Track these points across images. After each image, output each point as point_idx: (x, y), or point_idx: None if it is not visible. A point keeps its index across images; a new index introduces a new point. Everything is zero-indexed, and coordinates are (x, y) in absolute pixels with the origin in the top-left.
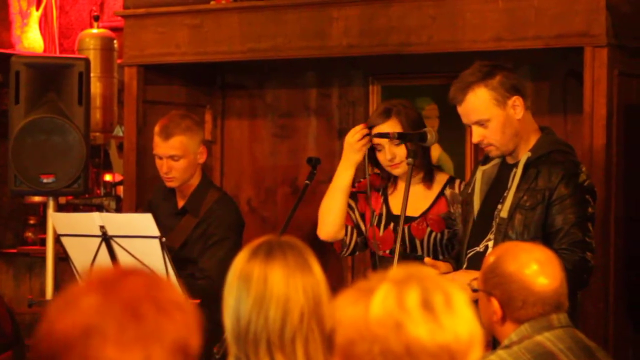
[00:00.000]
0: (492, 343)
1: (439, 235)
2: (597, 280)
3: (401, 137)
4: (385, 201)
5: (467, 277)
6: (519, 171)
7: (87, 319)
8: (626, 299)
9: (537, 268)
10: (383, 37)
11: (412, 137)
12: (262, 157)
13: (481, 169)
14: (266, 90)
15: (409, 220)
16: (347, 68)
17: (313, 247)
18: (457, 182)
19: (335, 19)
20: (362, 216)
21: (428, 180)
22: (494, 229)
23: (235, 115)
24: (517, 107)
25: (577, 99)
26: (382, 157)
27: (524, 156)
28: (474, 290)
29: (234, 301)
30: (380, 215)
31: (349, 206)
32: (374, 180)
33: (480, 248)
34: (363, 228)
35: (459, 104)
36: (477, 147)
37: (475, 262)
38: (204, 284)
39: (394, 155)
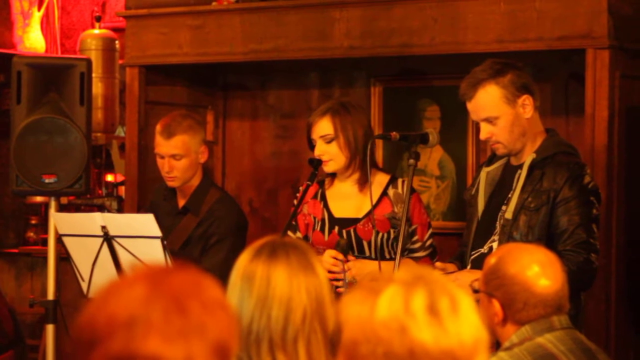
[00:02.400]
0: (496, 345)
1: (385, 235)
2: (599, 281)
3: (403, 139)
4: (326, 206)
5: (470, 277)
6: (523, 172)
7: (132, 308)
8: (627, 301)
9: (538, 270)
10: (385, 39)
11: (414, 139)
12: (263, 157)
13: (485, 170)
14: (268, 91)
15: (353, 222)
16: (349, 69)
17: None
18: (400, 181)
19: (337, 20)
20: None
21: (362, 183)
22: (498, 230)
23: (237, 116)
24: (526, 106)
25: (578, 100)
26: (315, 153)
27: (528, 157)
28: (475, 291)
29: (237, 301)
30: (323, 220)
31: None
32: (310, 190)
33: (485, 249)
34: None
35: (469, 100)
36: (479, 149)
37: (480, 264)
38: None
39: (321, 153)
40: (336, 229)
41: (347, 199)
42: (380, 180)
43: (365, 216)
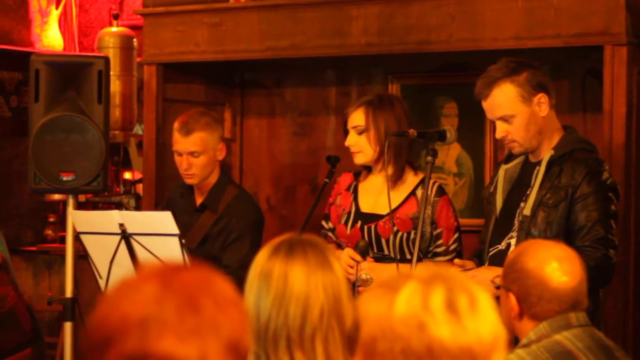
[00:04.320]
0: (514, 341)
1: (404, 235)
2: (617, 279)
3: (420, 136)
4: (355, 199)
5: (489, 273)
6: (542, 169)
7: (145, 307)
8: None
9: (555, 265)
10: (402, 36)
11: (432, 136)
12: (281, 155)
13: (504, 167)
14: (285, 89)
15: (376, 218)
16: (366, 66)
17: None
18: (431, 183)
19: (355, 18)
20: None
21: (395, 179)
22: (516, 226)
23: (255, 113)
24: (542, 104)
25: (596, 97)
26: (346, 143)
27: (547, 154)
28: (497, 287)
29: (254, 298)
30: (350, 213)
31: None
32: (344, 180)
33: (502, 246)
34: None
35: (484, 99)
36: (497, 146)
37: (498, 260)
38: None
39: (352, 144)
40: (359, 223)
41: (376, 194)
42: (411, 179)
43: (388, 214)
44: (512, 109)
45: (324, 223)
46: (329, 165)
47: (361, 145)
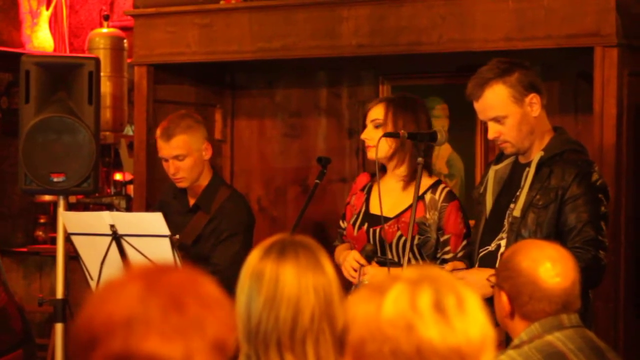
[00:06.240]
0: (505, 342)
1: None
2: (607, 279)
3: (411, 137)
4: (367, 200)
5: (479, 275)
6: (532, 170)
7: (129, 307)
8: (636, 299)
9: (548, 265)
10: (393, 37)
11: (422, 137)
12: (272, 156)
13: (493, 168)
14: (276, 90)
15: (383, 220)
16: (357, 68)
17: (323, 246)
18: (441, 187)
19: (346, 19)
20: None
21: (408, 181)
22: (506, 228)
23: (245, 114)
24: (534, 104)
25: (587, 99)
26: (362, 136)
27: (537, 155)
28: (493, 286)
29: (246, 299)
30: (359, 213)
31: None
32: (361, 180)
33: (492, 247)
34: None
35: (476, 100)
36: (488, 147)
37: (488, 262)
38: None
39: (366, 137)
40: (365, 225)
41: (388, 196)
42: (423, 182)
43: (395, 217)
44: (504, 110)
45: (340, 223)
46: (320, 166)
47: (376, 140)
